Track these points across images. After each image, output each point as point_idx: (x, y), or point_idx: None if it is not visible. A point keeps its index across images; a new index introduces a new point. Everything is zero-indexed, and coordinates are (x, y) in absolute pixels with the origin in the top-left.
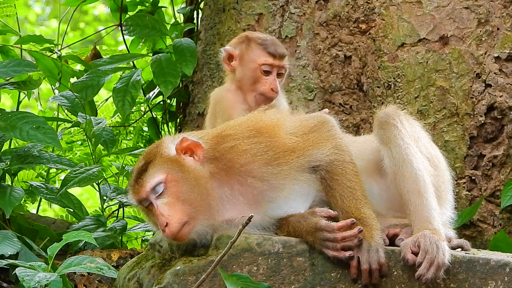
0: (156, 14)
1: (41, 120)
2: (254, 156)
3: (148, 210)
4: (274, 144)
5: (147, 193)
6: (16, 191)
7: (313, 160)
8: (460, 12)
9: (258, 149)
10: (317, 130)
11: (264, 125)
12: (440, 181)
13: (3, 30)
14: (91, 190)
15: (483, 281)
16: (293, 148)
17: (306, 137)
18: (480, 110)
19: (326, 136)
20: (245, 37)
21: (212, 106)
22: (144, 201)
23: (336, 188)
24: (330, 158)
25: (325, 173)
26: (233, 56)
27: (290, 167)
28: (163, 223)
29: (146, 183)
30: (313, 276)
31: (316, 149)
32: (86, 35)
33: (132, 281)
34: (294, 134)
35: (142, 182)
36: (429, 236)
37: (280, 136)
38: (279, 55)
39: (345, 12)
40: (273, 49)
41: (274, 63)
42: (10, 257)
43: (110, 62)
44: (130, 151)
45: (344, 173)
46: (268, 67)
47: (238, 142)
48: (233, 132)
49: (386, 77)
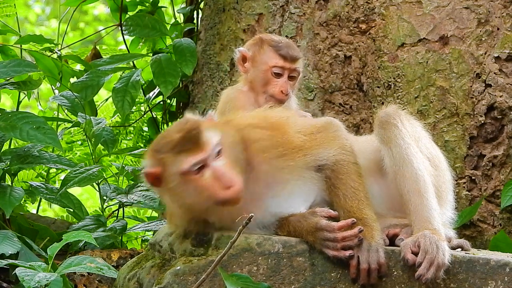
0: (156, 14)
1: (41, 120)
2: (266, 147)
3: (195, 176)
4: (284, 140)
5: (210, 151)
6: (16, 191)
7: (319, 159)
8: (460, 12)
9: (270, 141)
10: (324, 131)
11: (276, 121)
12: (441, 181)
13: (3, 30)
14: (91, 190)
15: (483, 281)
16: (300, 147)
17: (313, 137)
18: (480, 110)
19: (332, 137)
20: (259, 39)
21: (222, 104)
22: (200, 163)
23: (340, 187)
24: (336, 158)
25: (330, 172)
26: (247, 58)
27: (297, 164)
28: (226, 183)
29: (207, 143)
30: (313, 276)
31: (322, 148)
32: (86, 35)
33: (132, 281)
34: (302, 133)
35: (202, 143)
36: (429, 236)
37: (289, 134)
38: (291, 57)
39: (345, 12)
40: (285, 51)
41: (285, 65)
42: (10, 257)
43: (110, 62)
44: (130, 151)
45: (348, 173)
46: (279, 70)
47: (255, 130)
48: (251, 122)
49: (386, 77)
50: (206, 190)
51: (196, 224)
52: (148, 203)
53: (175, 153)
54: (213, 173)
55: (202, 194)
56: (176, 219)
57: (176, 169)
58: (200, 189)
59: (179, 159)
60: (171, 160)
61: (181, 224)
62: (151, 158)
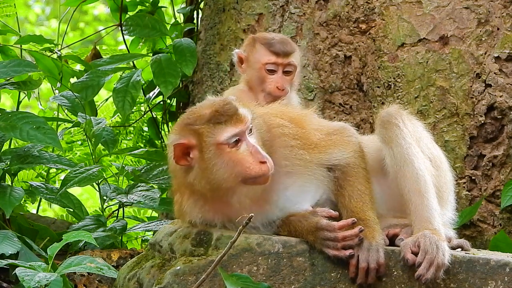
0: (156, 14)
1: (41, 120)
2: (288, 134)
3: (230, 149)
4: (302, 134)
5: (248, 124)
6: (16, 191)
7: (332, 159)
8: (460, 12)
9: (291, 130)
10: (339, 134)
11: (294, 116)
12: (442, 181)
13: (3, 30)
14: (91, 190)
15: (483, 281)
16: (316, 144)
17: (329, 137)
18: (480, 110)
19: (347, 141)
20: (251, 38)
21: None
22: (238, 135)
23: (347, 188)
24: (348, 160)
25: (340, 173)
26: (243, 59)
27: (311, 159)
28: (262, 157)
29: (244, 117)
30: (313, 276)
31: (337, 149)
32: (86, 35)
33: (132, 281)
34: (319, 131)
35: (240, 116)
36: (429, 236)
37: (307, 129)
38: (284, 52)
39: (345, 12)
40: (276, 47)
41: (278, 61)
42: (10, 257)
43: (110, 62)
44: (130, 151)
45: (357, 176)
46: (272, 66)
47: (276, 118)
48: (270, 111)
49: (386, 77)
50: (239, 164)
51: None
52: (148, 203)
53: (213, 124)
54: (248, 148)
55: (235, 168)
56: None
57: (214, 140)
58: (233, 162)
59: (216, 129)
60: (207, 131)
61: (190, 212)
62: (182, 131)
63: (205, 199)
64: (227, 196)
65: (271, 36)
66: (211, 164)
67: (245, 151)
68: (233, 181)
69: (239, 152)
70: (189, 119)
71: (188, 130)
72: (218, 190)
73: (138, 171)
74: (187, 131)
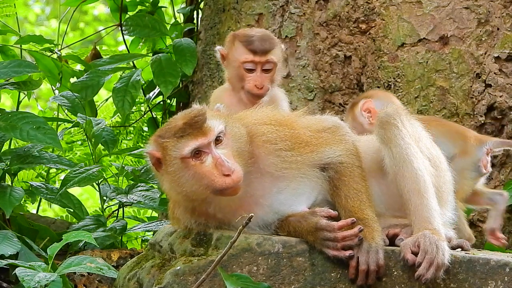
0: (156, 14)
1: (41, 121)
2: (274, 139)
3: (195, 162)
4: (291, 134)
5: (212, 137)
6: (16, 191)
7: (324, 158)
8: (460, 12)
9: (278, 135)
10: (331, 131)
11: (283, 118)
12: (441, 181)
13: (3, 30)
14: (91, 190)
15: (483, 281)
16: (307, 142)
17: (320, 135)
18: (480, 110)
19: (339, 139)
20: (232, 35)
21: (211, 103)
22: (202, 148)
23: (342, 188)
24: (340, 159)
25: (334, 173)
26: (224, 56)
27: (303, 160)
28: (226, 170)
29: (210, 129)
30: (313, 276)
31: (329, 147)
32: (86, 35)
33: (132, 281)
34: (309, 129)
35: (205, 129)
36: (429, 236)
37: (296, 129)
38: (261, 51)
39: (345, 12)
40: (255, 45)
41: (255, 59)
42: (10, 257)
43: (110, 62)
44: (130, 151)
45: (352, 175)
46: (250, 65)
47: (262, 126)
48: (257, 119)
49: (386, 77)
50: (204, 177)
51: (197, 216)
52: (148, 203)
53: (177, 138)
54: (213, 160)
55: (201, 181)
56: (179, 213)
57: (176, 154)
58: (199, 175)
59: (180, 143)
60: (172, 145)
61: (183, 218)
62: (154, 143)
63: (193, 205)
64: (205, 206)
65: (251, 33)
66: (176, 177)
67: (210, 164)
68: (203, 193)
69: (204, 165)
70: (161, 130)
71: (157, 142)
72: (192, 201)
73: (138, 171)
74: (156, 143)
